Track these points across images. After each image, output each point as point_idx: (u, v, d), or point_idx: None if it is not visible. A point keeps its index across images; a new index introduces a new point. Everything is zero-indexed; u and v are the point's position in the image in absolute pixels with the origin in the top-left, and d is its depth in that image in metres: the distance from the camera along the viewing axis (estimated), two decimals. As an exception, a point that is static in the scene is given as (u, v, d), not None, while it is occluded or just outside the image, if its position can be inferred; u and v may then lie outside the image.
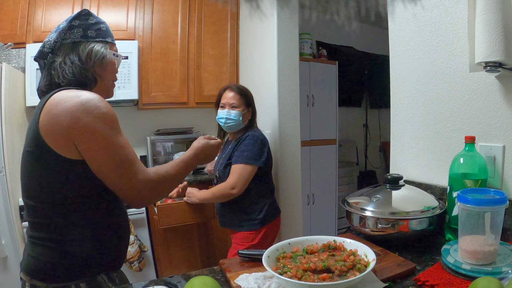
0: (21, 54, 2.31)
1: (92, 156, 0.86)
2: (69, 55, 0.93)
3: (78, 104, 0.84)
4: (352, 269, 0.71)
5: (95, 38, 0.97)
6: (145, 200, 0.95)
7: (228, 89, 1.76)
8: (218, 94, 1.80)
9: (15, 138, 1.98)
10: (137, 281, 0.88)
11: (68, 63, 0.92)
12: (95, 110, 0.85)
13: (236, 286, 0.76)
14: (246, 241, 1.67)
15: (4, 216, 1.82)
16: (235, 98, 1.72)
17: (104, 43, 0.99)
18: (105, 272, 0.95)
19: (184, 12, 2.69)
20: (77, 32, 0.95)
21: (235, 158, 1.66)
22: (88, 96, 0.87)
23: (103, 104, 0.88)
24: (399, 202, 1.02)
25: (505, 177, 1.02)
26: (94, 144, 0.85)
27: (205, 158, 1.13)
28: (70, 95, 0.86)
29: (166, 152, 2.80)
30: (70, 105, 0.84)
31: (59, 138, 0.83)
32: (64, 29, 0.94)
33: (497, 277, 0.67)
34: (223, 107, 1.74)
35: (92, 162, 0.86)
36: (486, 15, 0.90)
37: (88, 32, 0.96)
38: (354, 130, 4.12)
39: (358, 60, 3.94)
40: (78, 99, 0.85)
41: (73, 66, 0.92)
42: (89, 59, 0.95)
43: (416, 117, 1.30)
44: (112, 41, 1.02)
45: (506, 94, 1.00)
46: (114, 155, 0.87)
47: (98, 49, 0.96)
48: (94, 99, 0.87)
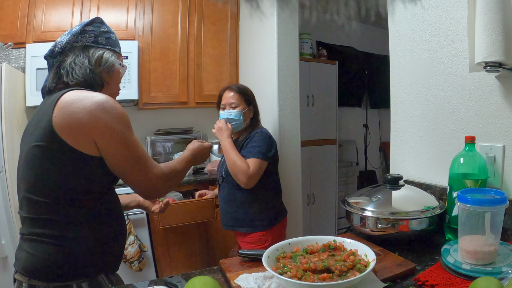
0: (21, 54, 2.31)
1: (112, 153, 0.91)
2: (79, 56, 0.97)
3: (96, 104, 0.88)
4: (352, 269, 0.71)
5: (105, 45, 1.02)
6: (160, 192, 1.04)
7: (227, 89, 1.76)
8: (218, 96, 1.80)
9: (15, 138, 1.98)
10: (137, 281, 0.89)
11: (78, 64, 0.96)
12: (112, 111, 0.90)
13: (236, 286, 0.76)
14: (258, 243, 1.63)
15: (4, 216, 1.82)
16: (235, 97, 1.72)
17: (112, 51, 1.03)
18: (104, 272, 0.95)
19: (184, 12, 2.69)
20: (89, 37, 0.99)
21: (247, 153, 1.61)
22: (103, 97, 0.91)
23: (118, 106, 0.93)
24: (399, 202, 1.02)
25: (505, 177, 1.02)
26: (114, 142, 0.91)
27: (200, 159, 1.23)
28: (85, 95, 0.90)
29: (166, 152, 2.80)
30: (88, 104, 0.88)
31: (77, 134, 0.87)
32: (77, 32, 0.98)
33: (497, 277, 0.67)
34: (224, 108, 1.74)
35: (112, 159, 0.92)
36: (486, 15, 0.90)
37: (99, 39, 1.01)
38: (354, 130, 4.12)
39: (358, 60, 3.94)
40: (94, 99, 0.89)
41: (83, 68, 0.96)
42: (98, 64, 0.99)
43: (416, 117, 1.30)
44: (119, 51, 1.08)
45: (506, 94, 1.00)
46: (132, 152, 0.94)
47: (108, 57, 1.01)
48: (109, 100, 0.92)
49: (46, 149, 0.88)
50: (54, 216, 0.89)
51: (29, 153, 0.90)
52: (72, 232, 0.90)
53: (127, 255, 2.04)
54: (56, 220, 0.89)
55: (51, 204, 0.88)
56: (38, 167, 0.89)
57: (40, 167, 0.89)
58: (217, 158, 2.89)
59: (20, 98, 2.18)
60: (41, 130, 0.88)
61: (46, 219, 0.89)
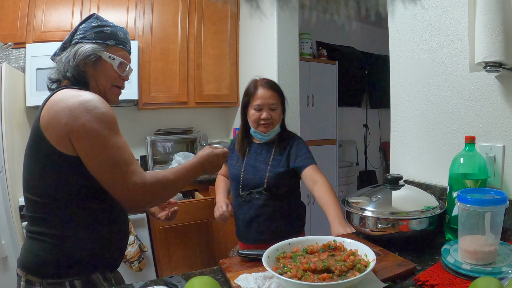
0: (21, 54, 2.31)
1: (86, 154, 0.87)
2: (67, 54, 0.98)
3: (78, 103, 0.86)
4: (352, 269, 0.71)
5: (92, 39, 0.99)
6: (139, 203, 0.93)
7: (261, 86, 1.46)
8: (246, 93, 1.50)
9: (15, 138, 1.98)
10: (137, 281, 0.88)
11: (64, 61, 0.98)
12: (93, 110, 0.87)
13: (236, 286, 0.76)
14: None
15: (4, 216, 1.82)
16: (274, 97, 1.46)
17: (99, 44, 0.99)
18: (100, 271, 0.95)
19: (184, 12, 2.69)
20: (79, 34, 0.99)
21: (303, 160, 1.43)
22: (89, 96, 0.89)
23: (103, 105, 0.89)
24: (399, 202, 1.02)
25: (505, 177, 1.02)
26: (89, 143, 0.86)
27: (211, 167, 1.09)
28: (72, 94, 0.89)
29: (166, 152, 2.80)
30: (71, 103, 0.86)
31: (58, 134, 0.86)
32: (73, 31, 1.01)
33: (497, 277, 0.67)
34: (260, 109, 1.45)
35: (87, 160, 0.87)
36: (486, 15, 0.90)
37: (87, 34, 0.99)
38: (354, 130, 4.12)
39: (358, 60, 3.94)
40: (79, 98, 0.88)
41: (67, 65, 0.97)
42: (73, 58, 0.97)
43: (416, 117, 1.30)
44: (115, 44, 1.03)
45: (506, 94, 1.00)
46: (109, 155, 0.87)
47: (84, 49, 0.97)
48: (93, 99, 0.89)
49: (35, 149, 0.90)
50: (49, 215, 0.90)
51: (25, 152, 0.93)
52: (68, 231, 0.90)
53: (127, 255, 2.04)
54: (52, 219, 0.90)
55: (46, 203, 0.89)
56: (32, 167, 0.91)
57: (32, 167, 0.91)
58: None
59: (20, 98, 2.18)
60: (32, 130, 0.91)
61: (43, 217, 0.90)
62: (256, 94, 1.45)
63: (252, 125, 1.49)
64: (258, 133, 1.49)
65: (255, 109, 1.45)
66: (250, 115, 1.48)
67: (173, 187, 0.98)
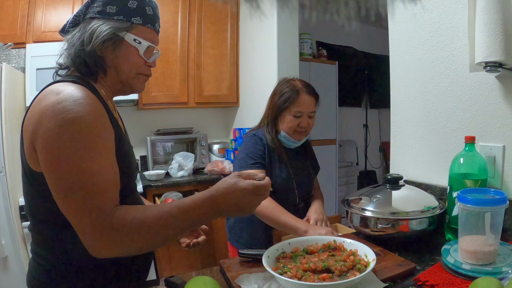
0: (21, 54, 2.31)
1: (44, 170, 0.67)
2: (80, 33, 0.77)
3: (50, 104, 0.67)
4: (352, 269, 0.71)
5: (113, 15, 0.77)
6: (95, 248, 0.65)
7: (306, 93, 1.33)
8: (280, 95, 1.34)
9: (15, 138, 1.98)
10: (137, 281, 0.88)
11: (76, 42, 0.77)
12: (60, 114, 0.65)
13: (236, 286, 0.76)
14: None
15: (4, 216, 1.82)
16: (314, 104, 1.36)
17: (123, 22, 0.77)
18: None
19: (184, 12, 2.69)
20: (96, 7, 0.77)
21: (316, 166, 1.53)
22: (67, 95, 0.68)
23: (76, 108, 0.66)
24: (399, 202, 1.02)
25: (505, 177, 1.02)
26: (44, 156, 0.66)
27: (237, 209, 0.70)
28: (54, 90, 0.70)
29: (166, 152, 2.80)
30: (43, 105, 0.67)
31: (27, 144, 0.70)
32: (88, 2, 0.79)
33: (497, 277, 0.67)
34: (300, 116, 1.32)
35: (46, 179, 0.67)
36: (486, 15, 0.90)
37: (107, 7, 0.77)
38: (354, 130, 4.12)
39: (358, 60, 3.94)
40: (55, 97, 0.68)
41: (73, 47, 0.77)
42: (89, 40, 0.75)
43: (416, 117, 1.30)
44: (142, 23, 0.80)
45: (506, 94, 1.00)
46: (63, 175, 0.64)
47: (102, 29, 0.75)
48: (68, 99, 0.67)
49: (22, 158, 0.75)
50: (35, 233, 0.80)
51: None
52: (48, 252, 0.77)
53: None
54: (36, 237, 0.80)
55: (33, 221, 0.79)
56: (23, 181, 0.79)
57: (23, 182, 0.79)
58: (218, 158, 2.89)
59: (20, 98, 2.18)
60: None
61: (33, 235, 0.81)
62: (298, 100, 1.31)
63: (286, 130, 1.35)
64: (290, 140, 1.37)
65: (295, 116, 1.32)
66: (287, 120, 1.33)
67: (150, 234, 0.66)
